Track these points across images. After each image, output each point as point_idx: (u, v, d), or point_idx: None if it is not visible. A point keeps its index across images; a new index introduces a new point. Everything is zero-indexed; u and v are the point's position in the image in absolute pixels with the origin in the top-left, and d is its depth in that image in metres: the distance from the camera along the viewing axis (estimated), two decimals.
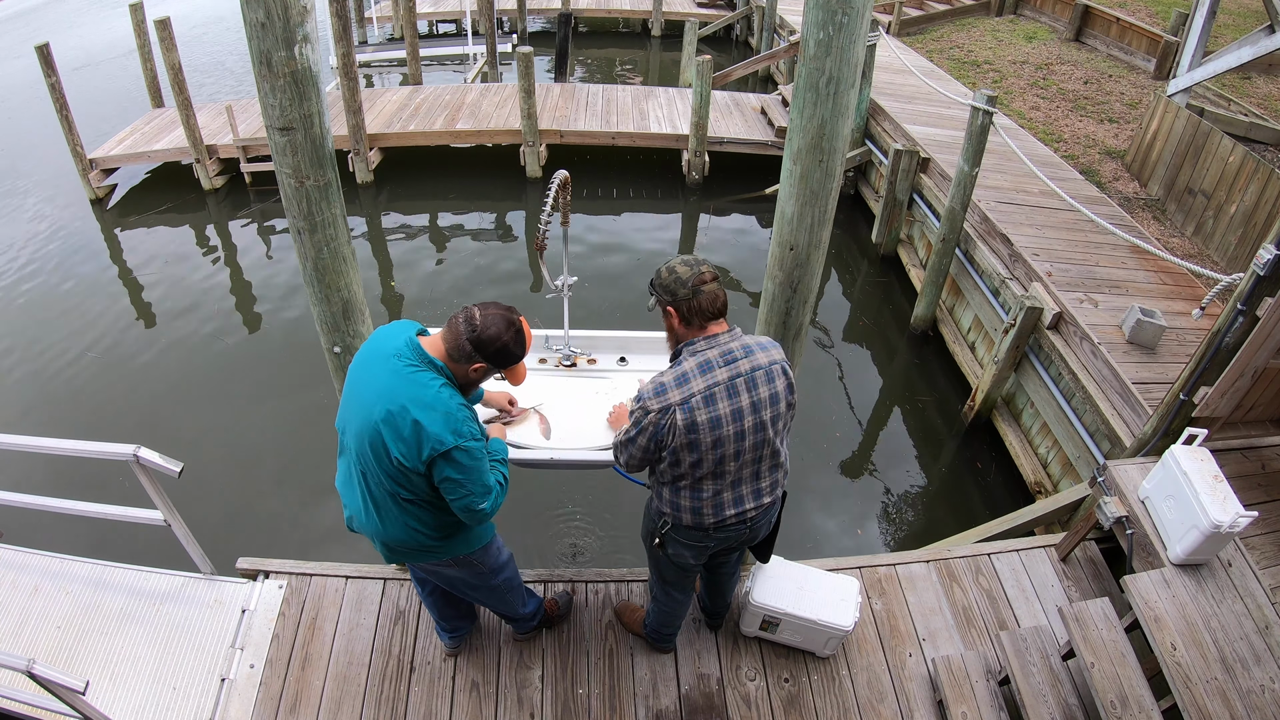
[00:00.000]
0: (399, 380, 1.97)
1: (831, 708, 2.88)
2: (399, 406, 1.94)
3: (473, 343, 1.97)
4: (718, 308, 2.08)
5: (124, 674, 2.78)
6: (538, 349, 3.07)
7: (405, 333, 2.06)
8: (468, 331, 1.97)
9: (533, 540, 4.41)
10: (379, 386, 1.99)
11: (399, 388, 1.96)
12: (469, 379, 2.06)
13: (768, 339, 2.20)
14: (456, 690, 2.87)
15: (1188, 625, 2.69)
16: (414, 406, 1.94)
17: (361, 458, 2.07)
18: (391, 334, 2.07)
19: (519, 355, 2.06)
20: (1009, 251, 5.44)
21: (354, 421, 2.06)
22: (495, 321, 1.99)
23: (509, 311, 2.04)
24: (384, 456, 2.00)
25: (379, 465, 2.03)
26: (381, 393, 1.97)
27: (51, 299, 6.86)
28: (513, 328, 2.02)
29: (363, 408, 2.01)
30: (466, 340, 1.97)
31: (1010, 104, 8.76)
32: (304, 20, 1.99)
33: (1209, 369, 3.19)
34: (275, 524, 4.58)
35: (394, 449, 1.97)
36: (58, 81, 7.65)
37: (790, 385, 2.17)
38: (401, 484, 2.05)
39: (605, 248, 7.72)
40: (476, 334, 1.97)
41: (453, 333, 2.00)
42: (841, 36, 1.94)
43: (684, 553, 2.36)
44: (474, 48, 12.13)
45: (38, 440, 2.64)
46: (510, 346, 2.01)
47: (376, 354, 2.04)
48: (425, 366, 1.99)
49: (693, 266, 2.06)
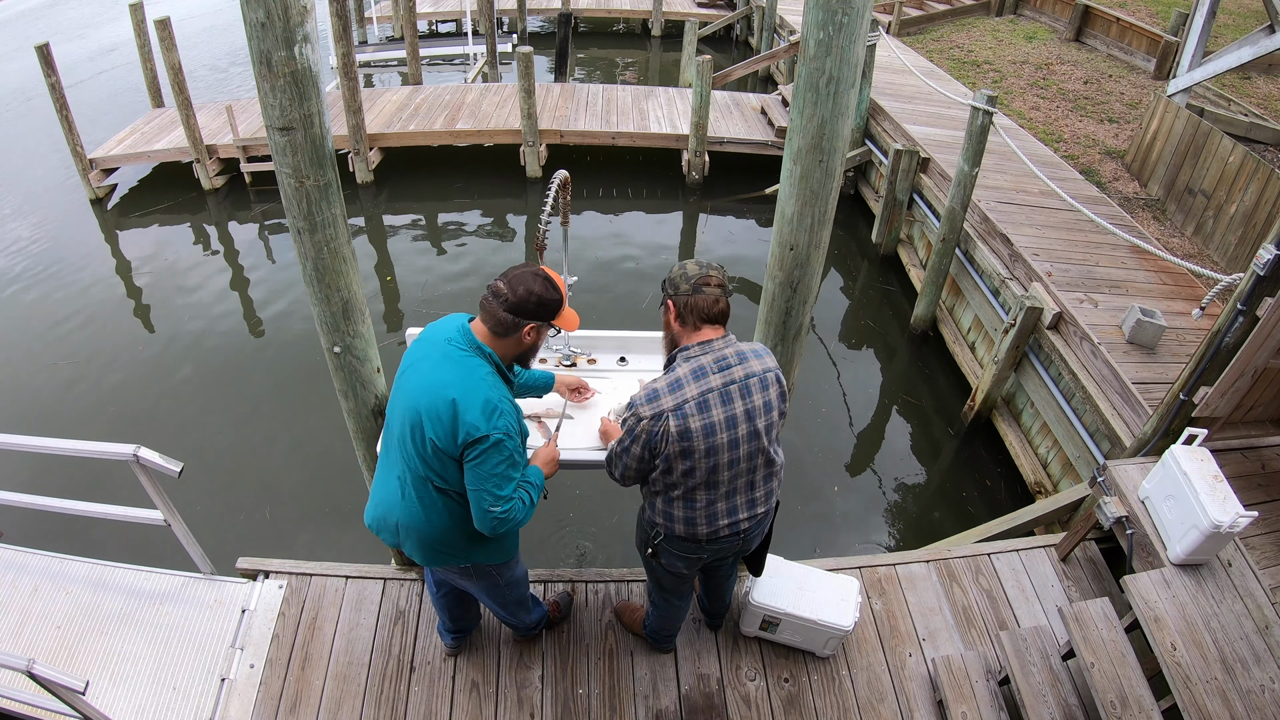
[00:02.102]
0: (447, 364, 2.00)
1: (831, 708, 2.88)
2: (441, 386, 1.97)
3: (511, 309, 1.99)
4: (715, 312, 2.06)
5: (124, 674, 2.78)
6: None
7: (458, 320, 2.09)
8: (501, 303, 1.99)
9: (533, 540, 4.41)
10: (427, 371, 2.02)
11: (445, 371, 1.99)
12: (525, 346, 2.08)
13: (761, 346, 2.19)
14: (456, 690, 2.87)
15: (1188, 625, 2.69)
16: (454, 388, 1.96)
17: (402, 443, 2.08)
18: (445, 323, 2.11)
19: (558, 298, 2.06)
20: (1009, 251, 5.44)
21: (399, 407, 2.08)
22: (522, 280, 2.00)
23: (528, 266, 2.05)
24: (422, 440, 2.01)
25: (416, 450, 2.04)
26: (428, 376, 2.00)
27: (51, 299, 6.86)
28: (539, 278, 2.03)
29: (409, 393, 2.04)
30: (504, 311, 1.99)
31: (1010, 104, 8.76)
32: (304, 20, 1.98)
33: (1209, 369, 3.19)
34: (275, 524, 4.58)
35: (429, 429, 1.98)
36: (57, 81, 7.65)
37: (783, 394, 2.15)
38: (436, 470, 2.04)
39: (605, 248, 7.72)
40: (510, 300, 1.98)
41: (488, 312, 2.01)
42: (841, 36, 1.94)
43: (677, 563, 2.36)
44: (474, 48, 12.13)
45: (38, 440, 2.64)
46: (545, 295, 2.02)
47: (430, 341, 2.08)
48: (474, 352, 2.02)
49: (703, 268, 2.06)
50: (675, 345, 2.14)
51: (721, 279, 2.07)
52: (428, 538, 2.18)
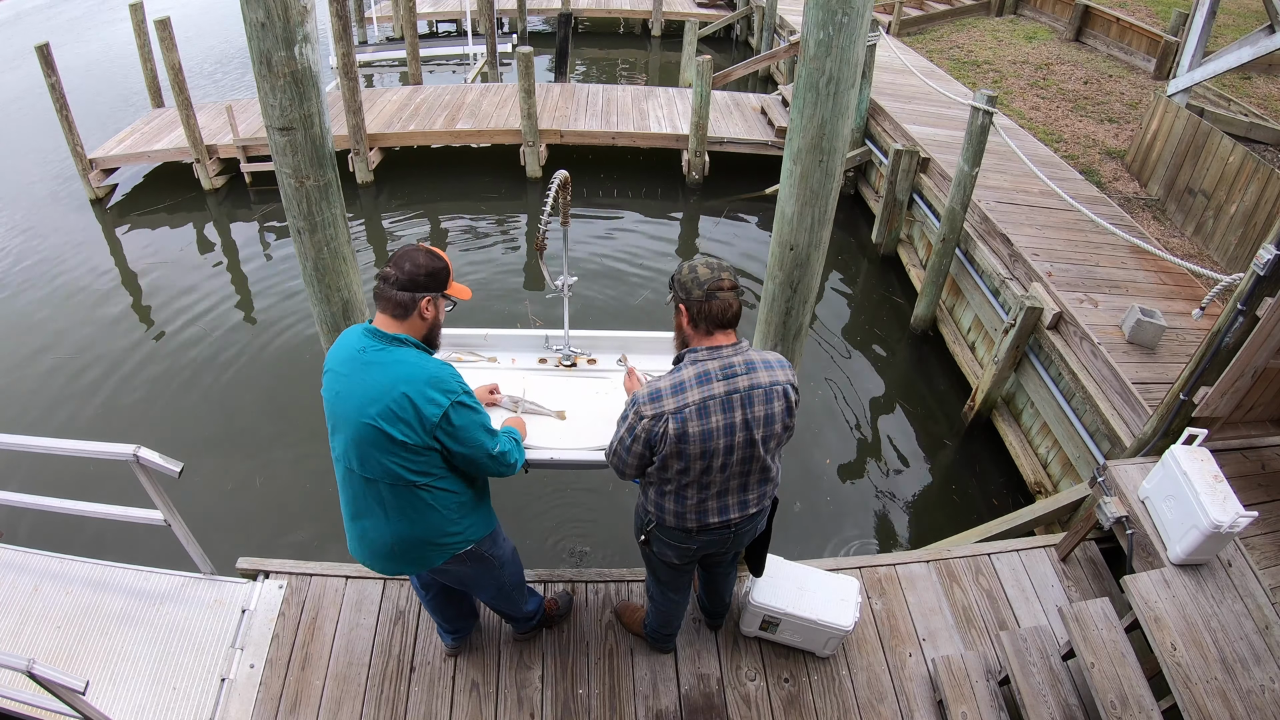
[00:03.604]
0: (376, 368, 1.98)
1: (831, 708, 2.88)
2: (385, 390, 1.96)
3: (403, 286, 2.00)
4: (728, 317, 2.05)
5: (124, 674, 2.78)
6: (538, 349, 3.07)
7: (355, 330, 2.09)
8: (392, 285, 2.00)
9: (532, 540, 4.41)
10: (359, 386, 1.99)
11: (377, 376, 1.98)
12: (427, 321, 2.08)
13: (777, 357, 2.15)
14: (456, 690, 2.87)
15: (1188, 625, 2.69)
16: (399, 383, 1.96)
17: (365, 465, 2.05)
18: (347, 338, 2.09)
19: (444, 265, 2.09)
20: (1009, 251, 5.45)
21: (347, 433, 2.04)
22: (406, 256, 2.03)
23: (409, 245, 2.09)
24: (389, 447, 2.00)
25: (387, 459, 2.02)
26: (366, 390, 1.98)
27: (51, 299, 6.86)
28: (421, 251, 2.06)
29: (351, 414, 2.01)
30: (396, 291, 2.00)
31: (1010, 104, 8.76)
32: (304, 20, 1.99)
33: (1209, 369, 3.20)
34: (275, 524, 4.58)
35: (397, 433, 1.97)
36: (58, 81, 7.65)
37: (790, 409, 2.13)
38: (410, 467, 2.04)
39: (605, 247, 7.72)
40: (399, 279, 2.00)
41: (384, 299, 2.03)
42: (841, 36, 1.94)
43: (668, 552, 2.37)
44: (474, 48, 12.13)
45: (38, 440, 2.64)
46: (432, 265, 2.05)
47: (343, 361, 2.05)
48: (391, 343, 2.02)
49: (714, 270, 2.04)
50: (686, 345, 2.13)
51: (733, 280, 2.05)
52: (424, 539, 2.18)
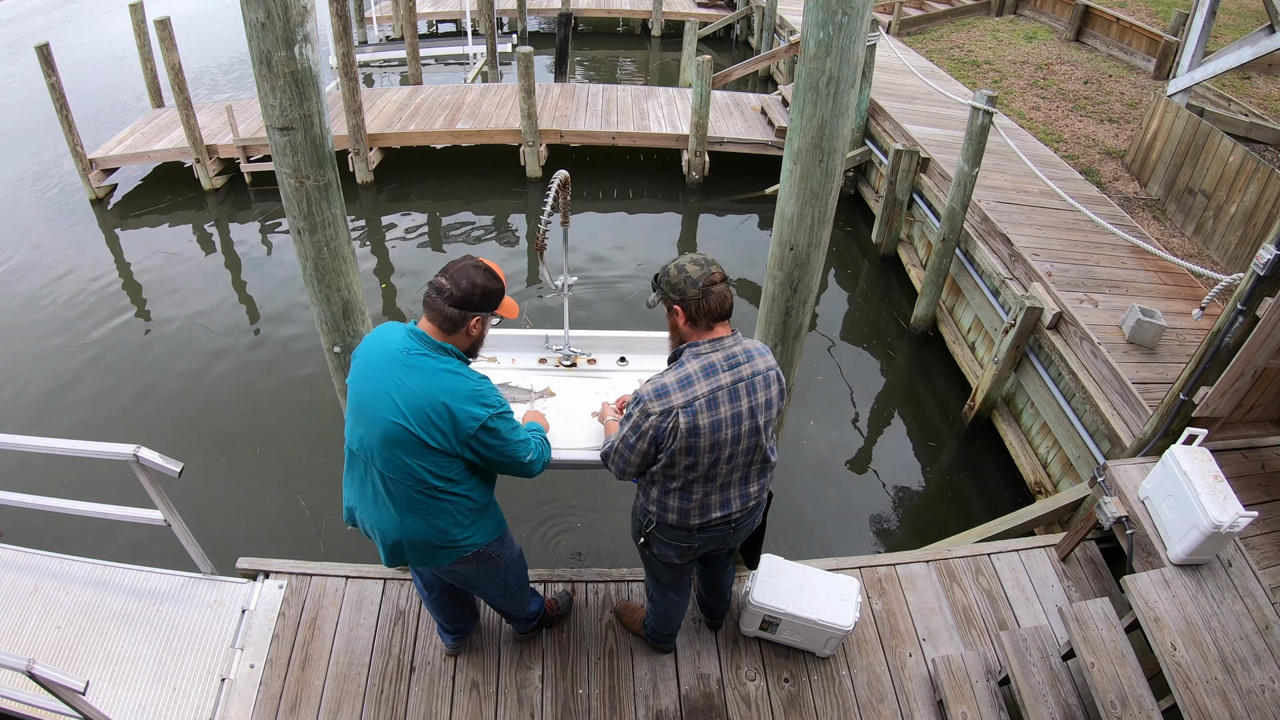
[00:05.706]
0: (417, 373, 1.99)
1: (831, 708, 2.88)
2: (426, 397, 1.97)
3: (457, 304, 2.00)
4: (725, 309, 2.08)
5: (124, 674, 2.78)
6: (538, 349, 3.07)
7: (401, 329, 2.08)
8: (446, 299, 1.99)
9: (532, 540, 4.41)
10: (396, 386, 1.99)
11: (419, 380, 1.98)
12: (473, 338, 2.09)
13: (761, 344, 2.21)
14: (456, 690, 2.87)
15: (1188, 625, 2.69)
16: (441, 393, 1.97)
17: (388, 465, 2.05)
18: (388, 334, 2.08)
19: (500, 287, 2.10)
20: (1009, 251, 5.44)
21: (373, 430, 2.03)
22: (463, 273, 2.02)
23: (468, 259, 2.07)
24: (418, 450, 2.00)
25: (414, 460, 2.02)
26: (404, 392, 1.98)
27: (50, 299, 6.86)
28: (480, 269, 2.05)
29: (382, 412, 2.00)
30: (450, 306, 2.00)
31: (1010, 104, 8.76)
32: (304, 20, 1.99)
33: (1209, 369, 3.19)
34: (275, 524, 4.58)
35: (431, 439, 1.98)
36: (58, 81, 7.65)
37: (782, 392, 2.20)
38: (433, 472, 2.04)
39: (605, 247, 7.71)
40: (454, 295, 1.99)
41: (434, 310, 2.02)
42: (841, 36, 1.94)
43: (669, 552, 2.37)
44: (474, 48, 12.13)
45: (38, 440, 2.64)
46: (489, 285, 2.05)
47: (381, 357, 2.04)
48: (436, 351, 2.02)
49: (703, 266, 2.05)
50: (683, 342, 2.14)
51: (723, 273, 2.08)
52: (433, 541, 2.18)
